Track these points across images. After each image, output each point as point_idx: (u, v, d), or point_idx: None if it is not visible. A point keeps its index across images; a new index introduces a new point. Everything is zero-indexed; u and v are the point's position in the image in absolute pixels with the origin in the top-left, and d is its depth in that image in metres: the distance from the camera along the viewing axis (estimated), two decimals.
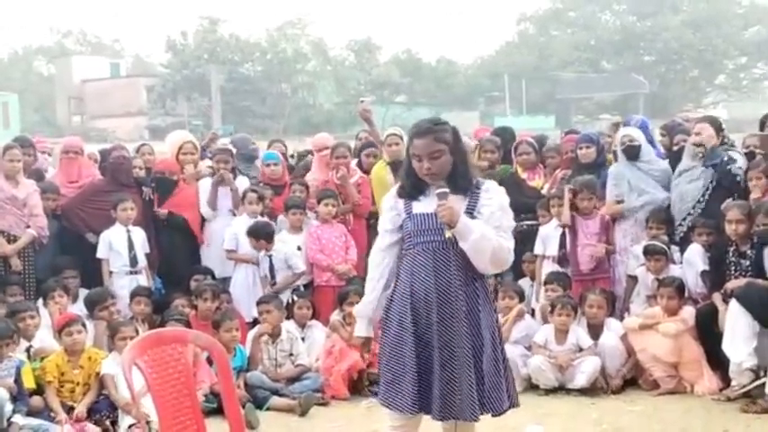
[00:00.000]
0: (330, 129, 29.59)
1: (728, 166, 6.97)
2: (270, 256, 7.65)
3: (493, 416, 4.04)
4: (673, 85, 53.93)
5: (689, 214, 7.12)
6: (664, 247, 7.01)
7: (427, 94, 54.09)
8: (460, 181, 3.95)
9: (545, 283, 7.29)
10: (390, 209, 4.07)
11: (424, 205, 3.97)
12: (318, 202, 7.90)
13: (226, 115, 48.31)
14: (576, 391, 6.62)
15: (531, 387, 6.77)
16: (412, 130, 4.06)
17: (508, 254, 3.98)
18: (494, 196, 4.01)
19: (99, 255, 7.65)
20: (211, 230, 8.12)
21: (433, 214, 3.89)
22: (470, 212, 3.92)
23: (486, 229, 3.89)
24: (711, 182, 7.06)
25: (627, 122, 8.42)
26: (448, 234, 3.82)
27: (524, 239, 7.78)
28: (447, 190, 3.87)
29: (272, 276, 7.67)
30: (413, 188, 4.00)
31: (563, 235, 7.50)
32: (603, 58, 56.16)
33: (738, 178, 6.98)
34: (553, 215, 7.57)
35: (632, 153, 7.45)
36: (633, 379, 6.79)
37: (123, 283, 7.57)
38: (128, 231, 7.67)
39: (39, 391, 6.20)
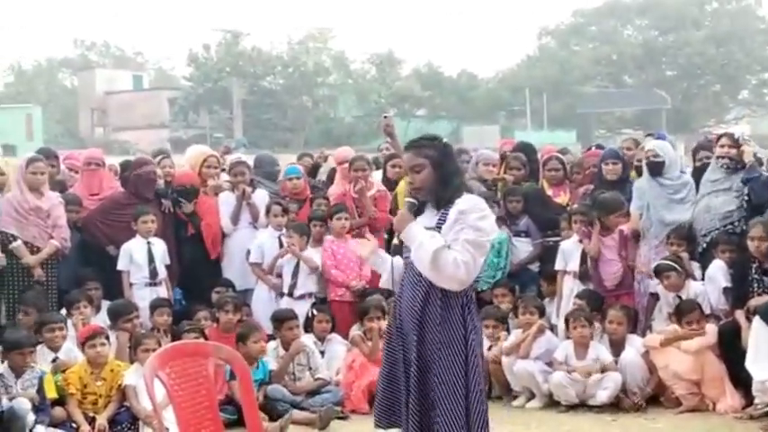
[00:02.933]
0: (351, 142, 29.60)
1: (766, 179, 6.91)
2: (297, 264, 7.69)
3: None
4: (695, 100, 53.67)
5: (716, 229, 7.05)
6: (671, 264, 6.94)
7: (448, 108, 54.05)
8: (437, 196, 4.05)
9: (577, 297, 7.25)
10: None
11: (420, 220, 4.10)
12: (330, 218, 7.89)
13: (247, 128, 48.49)
14: (597, 408, 6.59)
15: (552, 404, 6.74)
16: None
17: (453, 265, 3.93)
18: (462, 210, 4.00)
19: (119, 267, 7.70)
20: (231, 244, 8.15)
21: None
22: (438, 227, 4.00)
23: (429, 240, 3.94)
24: (743, 196, 7.00)
25: (659, 136, 8.38)
26: (395, 241, 4.03)
27: (549, 255, 7.79)
28: (414, 201, 4.04)
29: (295, 286, 7.69)
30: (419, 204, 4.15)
31: (584, 250, 7.47)
32: (625, 73, 55.98)
33: None
34: (574, 231, 7.54)
35: (656, 168, 7.40)
36: (655, 396, 6.74)
37: (143, 294, 7.61)
38: (148, 243, 7.71)
39: (61, 402, 6.24)
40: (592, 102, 50.55)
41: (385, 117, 9.19)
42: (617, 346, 6.83)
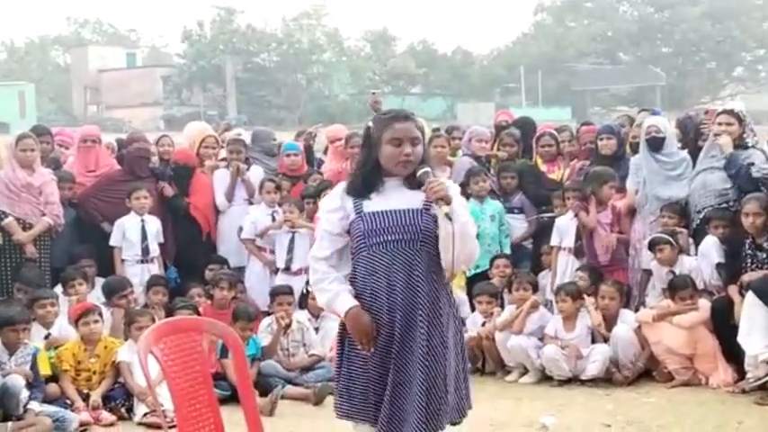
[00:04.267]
0: (345, 119, 29.57)
1: (749, 171, 6.89)
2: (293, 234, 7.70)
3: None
4: (690, 77, 53.66)
5: (711, 206, 7.04)
6: (666, 237, 6.95)
7: (443, 85, 54.01)
8: (414, 174, 3.66)
9: (577, 270, 7.26)
10: (336, 210, 3.72)
11: (376, 203, 3.65)
12: (319, 196, 7.86)
13: (241, 106, 48.41)
14: (590, 383, 6.63)
15: (545, 378, 6.78)
16: (388, 114, 3.77)
17: (476, 244, 3.72)
18: (452, 187, 3.70)
19: (112, 242, 7.70)
20: (226, 221, 8.15)
21: (388, 212, 3.62)
22: (427, 207, 3.63)
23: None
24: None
25: (654, 112, 8.36)
26: (446, 210, 3.50)
27: (544, 231, 7.80)
28: (428, 169, 3.63)
29: (291, 260, 7.70)
30: (364, 184, 3.68)
31: (579, 226, 7.47)
32: (620, 50, 55.94)
33: (762, 177, 6.85)
34: (569, 207, 7.54)
35: (656, 144, 7.39)
36: (648, 371, 6.77)
37: (135, 271, 7.61)
38: (142, 221, 7.71)
39: (54, 378, 6.26)
40: (587, 79, 50.55)
41: (373, 94, 9.22)
42: (609, 321, 6.86)
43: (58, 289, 7.20)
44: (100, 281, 7.52)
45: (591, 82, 50.73)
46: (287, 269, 7.73)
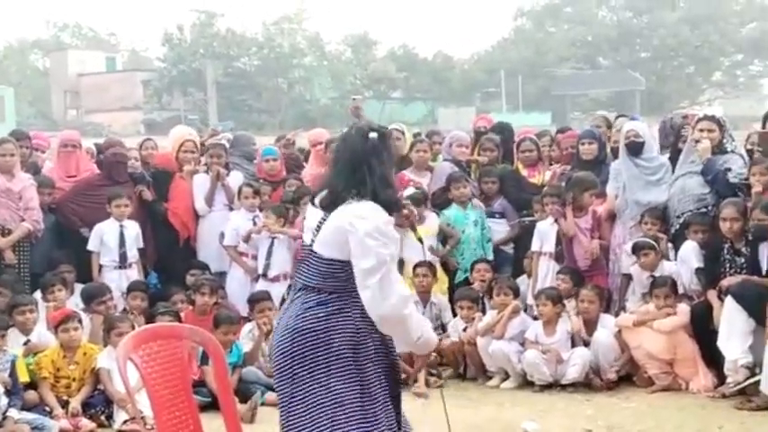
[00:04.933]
0: (326, 124, 29.57)
1: (726, 177, 6.93)
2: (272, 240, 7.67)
3: None
4: (669, 81, 53.97)
5: (690, 211, 7.08)
6: (651, 242, 7.00)
7: (424, 90, 54.08)
8: None
9: (558, 273, 7.28)
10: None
11: None
12: (298, 202, 7.83)
13: (222, 110, 48.27)
14: (571, 387, 6.64)
15: (527, 383, 6.79)
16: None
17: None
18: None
19: (90, 247, 7.67)
20: (206, 226, 8.12)
21: None
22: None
23: None
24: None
25: (633, 118, 8.41)
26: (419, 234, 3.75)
27: (525, 236, 7.82)
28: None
29: (269, 266, 7.68)
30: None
31: (560, 231, 7.49)
32: (600, 55, 56.20)
33: (738, 183, 6.91)
34: (548, 212, 7.56)
35: (635, 149, 7.42)
36: (628, 376, 6.80)
37: (112, 277, 7.58)
38: (121, 227, 7.68)
39: (33, 385, 6.21)
40: (567, 84, 50.76)
41: (354, 99, 9.26)
42: (590, 326, 6.88)
43: (37, 295, 7.15)
44: (79, 287, 7.48)
45: (571, 87, 50.93)
46: (264, 275, 7.70)
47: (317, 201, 3.76)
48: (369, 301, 3.52)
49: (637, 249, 7.02)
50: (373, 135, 3.72)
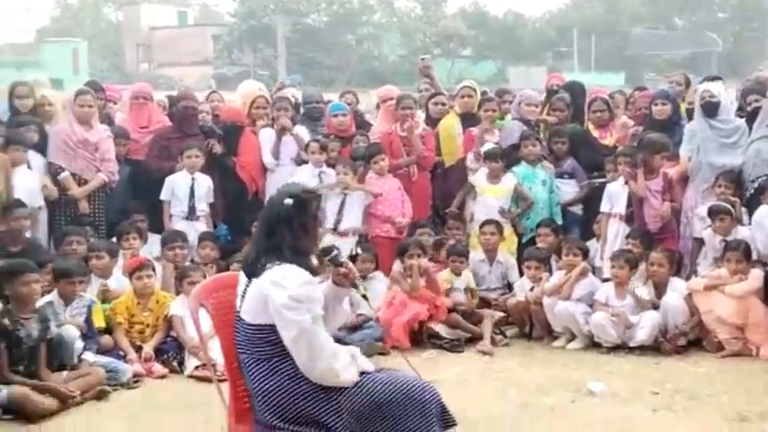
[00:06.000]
0: (395, 81, 29.29)
1: None
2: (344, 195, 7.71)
3: None
4: (747, 43, 52.45)
5: (765, 175, 6.92)
6: (728, 206, 6.88)
7: (494, 48, 53.38)
8: None
9: (627, 237, 7.20)
10: None
11: None
12: (369, 160, 7.87)
13: (291, 66, 48.36)
14: (639, 350, 6.58)
15: (593, 345, 6.75)
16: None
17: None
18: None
19: (162, 197, 7.81)
20: (273, 180, 8.18)
21: None
22: None
23: None
24: None
25: (715, 78, 8.23)
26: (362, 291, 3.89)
27: (595, 197, 7.74)
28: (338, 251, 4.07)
29: (340, 221, 7.74)
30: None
31: (630, 193, 7.39)
32: (676, 15, 54.82)
33: None
34: (620, 173, 7.46)
35: (711, 109, 7.27)
36: (698, 340, 6.71)
37: (180, 227, 7.69)
38: (192, 179, 7.79)
39: (108, 331, 6.39)
40: (641, 43, 49.62)
41: (423, 59, 9.21)
42: (660, 289, 6.80)
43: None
44: (152, 236, 7.63)
45: (645, 47, 49.78)
46: (334, 230, 7.76)
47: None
48: (301, 365, 3.65)
49: (712, 213, 6.90)
50: (288, 201, 3.77)
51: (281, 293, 3.59)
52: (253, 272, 3.73)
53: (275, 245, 3.72)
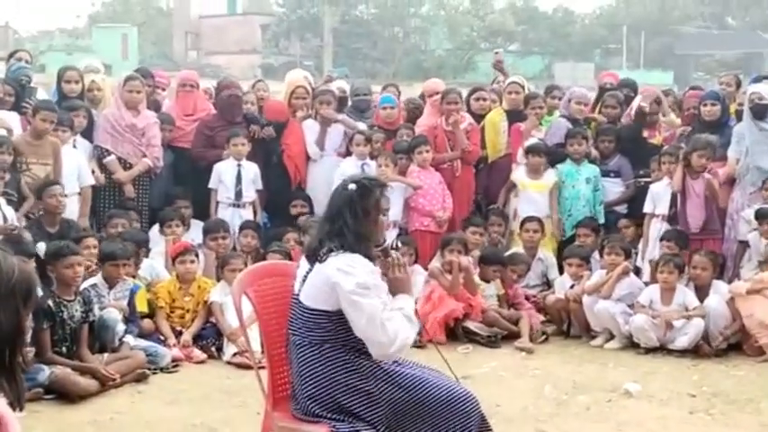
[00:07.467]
0: (441, 75, 29.30)
1: None
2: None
3: None
4: None
5: None
6: None
7: (541, 44, 53.03)
8: None
9: (662, 240, 7.15)
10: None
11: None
12: (412, 150, 7.87)
13: (337, 57, 48.44)
14: (678, 353, 6.52)
15: (632, 345, 6.70)
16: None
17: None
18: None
19: (210, 185, 7.88)
20: (317, 171, 8.22)
21: None
22: None
23: None
24: None
25: (757, 80, 8.14)
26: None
27: (640, 198, 7.68)
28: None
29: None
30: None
31: (675, 194, 7.32)
32: (728, 14, 54.00)
33: None
34: (664, 172, 7.40)
35: (760, 112, 7.18)
36: (738, 344, 6.63)
37: (227, 214, 7.77)
38: (239, 166, 7.85)
39: (150, 315, 6.47)
40: (691, 42, 48.92)
41: (496, 53, 9.31)
42: (702, 292, 6.73)
43: (155, 229, 7.43)
44: (195, 222, 7.71)
45: (696, 46, 49.09)
46: None
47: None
48: (377, 350, 3.62)
49: (761, 217, 6.82)
50: (351, 186, 3.76)
51: (350, 280, 3.60)
52: (316, 257, 3.75)
53: (338, 229, 3.72)
